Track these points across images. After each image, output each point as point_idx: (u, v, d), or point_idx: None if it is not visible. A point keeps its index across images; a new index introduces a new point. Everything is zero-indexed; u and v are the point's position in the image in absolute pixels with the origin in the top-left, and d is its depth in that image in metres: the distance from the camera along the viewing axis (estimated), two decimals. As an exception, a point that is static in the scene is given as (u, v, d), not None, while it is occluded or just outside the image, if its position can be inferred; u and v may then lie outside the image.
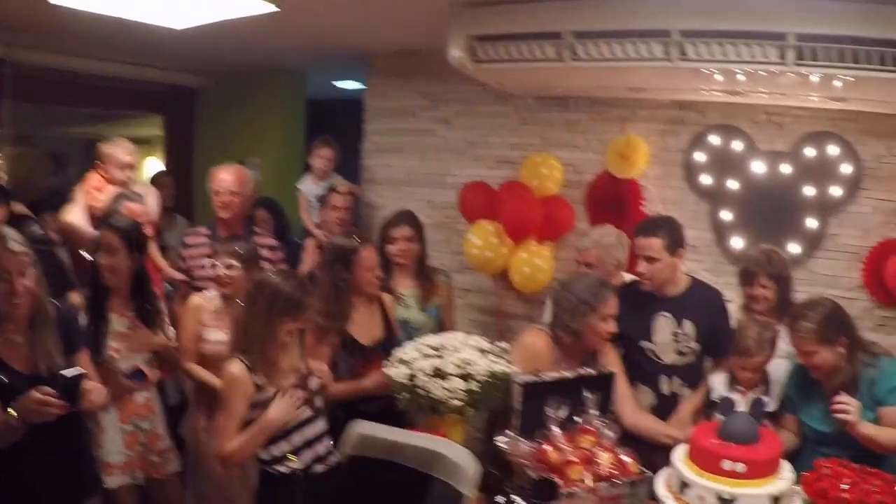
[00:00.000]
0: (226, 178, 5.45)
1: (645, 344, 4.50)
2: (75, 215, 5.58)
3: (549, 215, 5.99)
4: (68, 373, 3.28)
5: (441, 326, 5.27)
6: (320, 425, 3.84)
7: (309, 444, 3.76)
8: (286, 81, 8.71)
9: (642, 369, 4.50)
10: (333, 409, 4.04)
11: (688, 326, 4.51)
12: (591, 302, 4.05)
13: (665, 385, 4.52)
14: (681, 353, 4.52)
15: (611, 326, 4.13)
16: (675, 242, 4.52)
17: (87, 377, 3.41)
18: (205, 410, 4.59)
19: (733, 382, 4.18)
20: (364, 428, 2.25)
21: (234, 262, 4.63)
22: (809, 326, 3.81)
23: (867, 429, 3.65)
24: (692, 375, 4.53)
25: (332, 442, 3.84)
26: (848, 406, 3.64)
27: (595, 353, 4.25)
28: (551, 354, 4.16)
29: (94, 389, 3.47)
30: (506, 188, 6.04)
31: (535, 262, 5.95)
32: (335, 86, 9.51)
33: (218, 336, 4.58)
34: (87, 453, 3.84)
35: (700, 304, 4.56)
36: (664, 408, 4.43)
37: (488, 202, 6.05)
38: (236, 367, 3.59)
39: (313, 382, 3.86)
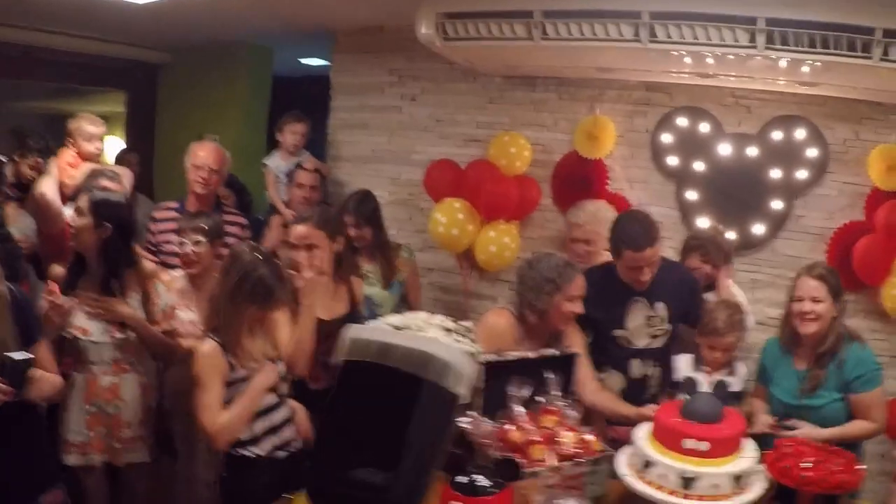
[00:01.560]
0: (206, 155, 5.42)
1: (617, 332, 4.49)
2: (48, 187, 5.51)
3: (518, 194, 5.98)
4: (15, 355, 3.21)
5: (405, 303, 5.27)
6: (284, 412, 3.84)
7: (273, 430, 3.75)
8: (251, 57, 8.56)
9: (612, 355, 4.50)
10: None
11: (660, 308, 4.51)
12: (557, 281, 4.04)
13: (636, 368, 4.52)
14: (654, 336, 4.53)
15: (576, 307, 4.13)
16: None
17: (34, 364, 3.34)
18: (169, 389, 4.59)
19: (698, 363, 4.21)
20: (355, 332, 2.20)
21: (201, 238, 4.58)
22: (825, 273, 3.96)
23: (828, 433, 3.75)
24: (664, 355, 4.55)
25: (294, 428, 3.88)
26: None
27: (559, 334, 4.26)
28: (514, 334, 4.17)
29: (43, 379, 3.43)
30: (473, 167, 6.01)
31: (503, 241, 5.92)
32: (301, 63, 9.45)
33: (188, 315, 4.55)
34: (44, 445, 3.73)
35: (671, 283, 4.55)
36: (634, 391, 4.43)
37: (455, 180, 6.02)
38: (209, 346, 3.57)
39: (281, 367, 3.84)
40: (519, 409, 3.58)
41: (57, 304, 3.98)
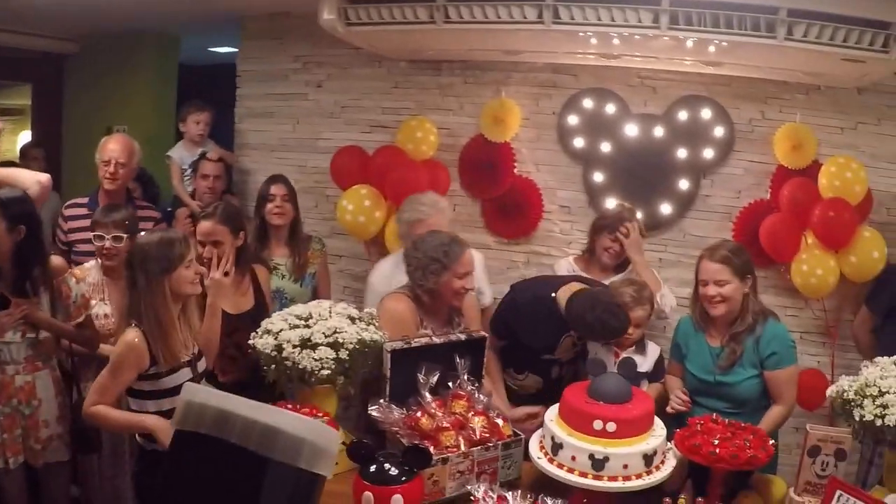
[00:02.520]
0: (116, 147, 5.27)
1: (546, 355, 4.46)
2: None
3: (428, 180, 5.90)
4: None
5: (315, 295, 5.21)
6: None
7: None
8: (158, 46, 8.33)
9: (534, 363, 4.48)
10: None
11: None
12: (443, 260, 4.01)
13: (554, 372, 4.52)
14: (576, 349, 4.53)
15: (467, 283, 4.11)
16: None
17: None
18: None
19: (609, 343, 4.21)
20: (190, 393, 2.01)
21: (121, 234, 4.49)
22: (726, 255, 3.94)
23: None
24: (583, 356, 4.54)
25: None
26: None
27: (458, 309, 4.27)
28: (415, 317, 4.14)
29: None
30: (381, 153, 5.94)
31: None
32: (210, 51, 9.27)
33: (103, 310, 4.47)
34: None
35: None
36: (552, 390, 4.40)
37: (362, 167, 5.94)
38: (134, 335, 3.49)
39: (200, 365, 3.79)
40: (428, 396, 3.56)
41: None
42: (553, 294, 4.16)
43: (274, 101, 6.76)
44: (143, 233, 4.36)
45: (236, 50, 7.06)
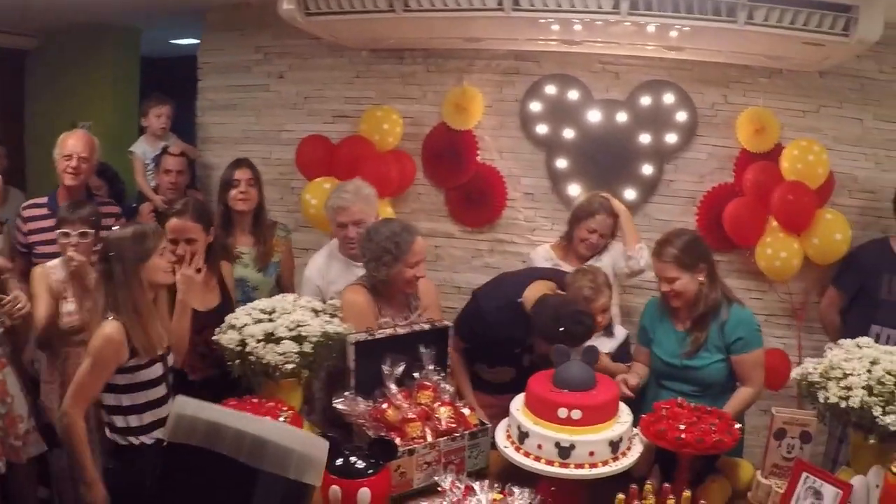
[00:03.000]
0: (76, 143, 5.16)
1: (524, 355, 4.40)
2: None
3: (397, 170, 5.90)
4: None
5: (279, 284, 5.17)
6: (170, 405, 3.72)
7: (161, 422, 3.61)
8: (119, 39, 8.17)
9: (508, 355, 4.41)
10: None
11: None
12: (394, 252, 3.98)
13: (527, 359, 4.50)
14: None
15: (418, 271, 4.10)
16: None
17: None
18: (61, 389, 4.33)
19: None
20: (180, 406, 1.93)
21: (87, 230, 4.41)
22: (672, 252, 3.93)
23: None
24: None
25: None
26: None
27: (415, 293, 4.27)
28: (373, 307, 4.12)
29: None
30: (346, 143, 5.91)
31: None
32: (172, 43, 9.13)
33: (68, 307, 4.40)
34: None
35: None
36: (524, 379, 4.42)
37: (327, 157, 5.91)
38: (111, 328, 3.45)
39: (170, 359, 3.77)
40: (393, 387, 3.55)
41: None
42: (519, 300, 4.13)
43: (236, 93, 6.70)
44: (113, 229, 4.34)
45: (198, 41, 6.99)
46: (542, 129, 5.87)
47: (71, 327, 4.36)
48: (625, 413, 3.44)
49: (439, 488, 3.12)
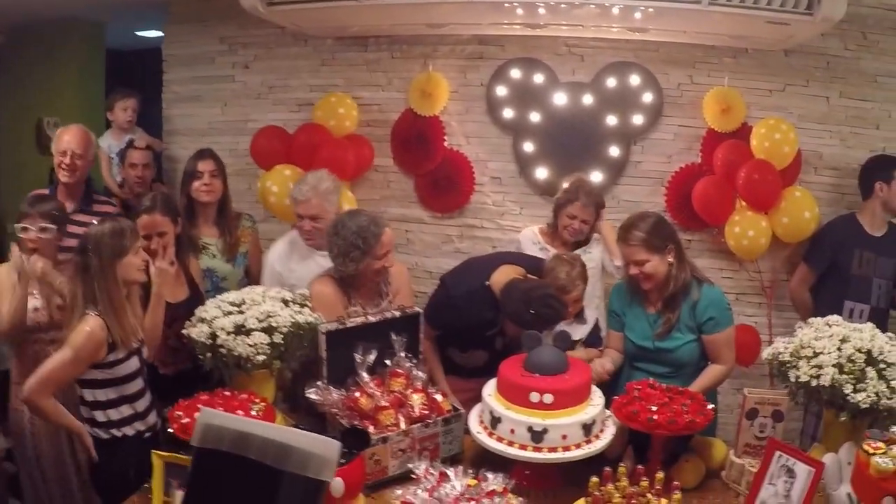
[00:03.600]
0: (70, 139, 5.07)
1: (489, 332, 4.40)
2: None
3: (354, 156, 5.85)
4: None
5: (248, 275, 5.15)
6: (147, 398, 3.74)
7: (138, 415, 3.67)
8: (84, 33, 8.06)
9: (480, 339, 4.41)
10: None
11: None
12: (362, 247, 3.98)
13: (500, 342, 4.50)
14: None
15: (387, 261, 4.11)
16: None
17: None
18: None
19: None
20: (208, 417, 2.10)
21: (48, 224, 4.31)
22: (640, 235, 3.91)
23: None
24: None
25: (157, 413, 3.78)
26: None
27: (385, 279, 4.28)
28: (342, 297, 4.13)
29: None
30: (303, 130, 5.86)
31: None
32: (138, 35, 9.04)
33: (33, 303, 4.31)
34: None
35: None
36: (497, 362, 4.43)
37: (284, 146, 5.86)
38: (93, 323, 3.42)
39: (144, 352, 3.75)
40: (365, 376, 3.55)
41: None
42: (486, 283, 4.13)
43: (201, 85, 6.64)
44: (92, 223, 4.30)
45: (163, 33, 6.93)
46: (508, 113, 5.86)
47: (36, 323, 4.30)
48: (597, 396, 3.46)
49: (413, 475, 3.12)
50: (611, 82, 5.67)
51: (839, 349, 3.26)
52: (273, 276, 4.59)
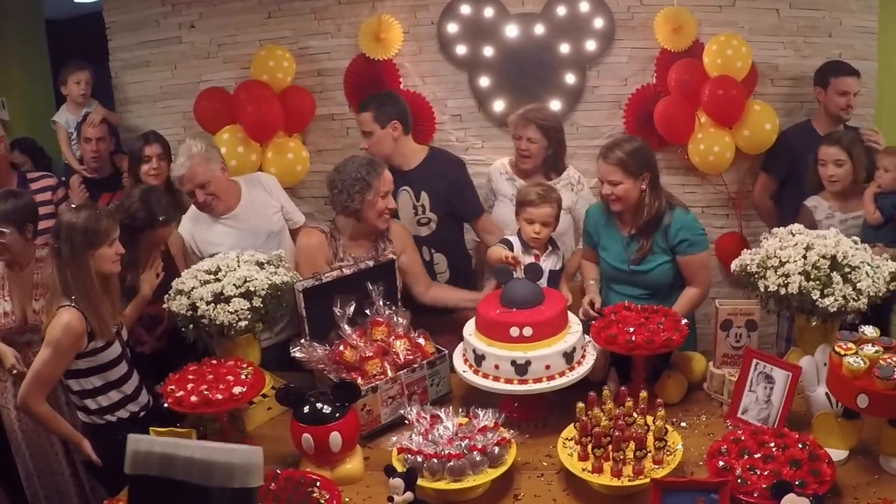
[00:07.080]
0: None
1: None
2: None
3: (289, 107, 5.81)
4: None
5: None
6: (135, 380, 3.76)
7: (129, 398, 3.70)
8: (20, 4, 7.80)
9: None
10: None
11: (424, 198, 4.63)
12: (366, 178, 4.03)
13: (425, 254, 4.65)
14: (421, 224, 4.67)
15: (389, 202, 4.16)
16: (387, 116, 4.57)
17: None
18: (13, 388, 4.29)
19: (526, 248, 4.21)
20: (135, 443, 2.10)
21: (4, 229, 4.12)
22: (619, 155, 3.93)
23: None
24: (439, 243, 4.73)
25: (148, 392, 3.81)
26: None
27: (384, 234, 4.30)
28: (325, 250, 4.19)
29: None
30: (242, 88, 5.75)
31: (287, 158, 5.78)
32: (76, 2, 8.81)
33: (3, 307, 4.26)
34: None
35: (434, 173, 4.68)
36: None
37: (226, 107, 5.77)
38: (69, 316, 3.41)
39: (124, 334, 3.75)
40: (347, 328, 3.59)
41: None
42: None
43: (148, 49, 6.48)
44: (51, 209, 4.26)
45: (102, -2, 6.79)
46: (461, 49, 5.82)
47: (8, 329, 4.26)
48: (575, 323, 3.53)
49: (406, 421, 3.18)
50: (561, 10, 5.65)
51: (804, 257, 3.34)
52: (191, 253, 4.61)
